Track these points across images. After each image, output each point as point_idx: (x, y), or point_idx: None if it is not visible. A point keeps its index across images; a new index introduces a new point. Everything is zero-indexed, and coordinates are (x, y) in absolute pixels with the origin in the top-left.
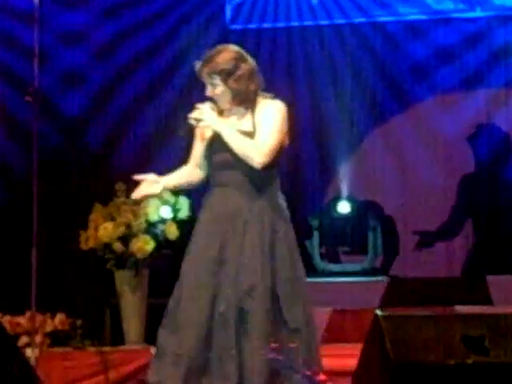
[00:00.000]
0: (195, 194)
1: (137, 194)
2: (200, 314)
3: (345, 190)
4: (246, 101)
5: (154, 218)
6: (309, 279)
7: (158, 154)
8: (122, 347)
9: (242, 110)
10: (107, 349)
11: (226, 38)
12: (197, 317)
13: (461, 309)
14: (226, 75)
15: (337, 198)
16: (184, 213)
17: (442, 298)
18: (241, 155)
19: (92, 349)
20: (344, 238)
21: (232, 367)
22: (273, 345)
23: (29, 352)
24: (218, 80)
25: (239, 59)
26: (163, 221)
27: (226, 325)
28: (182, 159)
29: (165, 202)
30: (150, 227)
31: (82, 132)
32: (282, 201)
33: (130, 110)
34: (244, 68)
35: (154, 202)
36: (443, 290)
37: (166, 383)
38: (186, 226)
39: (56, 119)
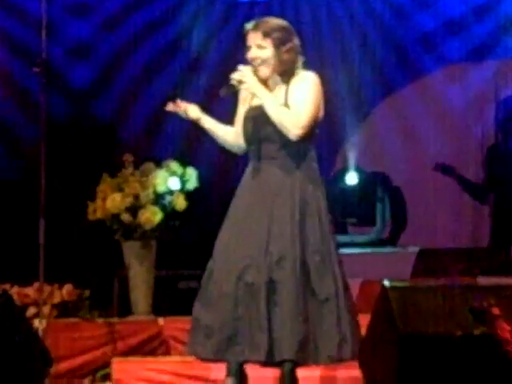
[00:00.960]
0: (203, 165)
1: (193, 114)
2: (231, 285)
3: (352, 161)
4: (287, 73)
5: (161, 189)
6: None
7: (166, 125)
8: (129, 318)
9: (278, 80)
10: (115, 320)
11: (233, 10)
12: (228, 289)
13: (482, 280)
14: (279, 42)
15: (345, 169)
16: (192, 184)
17: (466, 269)
18: (278, 125)
19: (99, 320)
20: (352, 209)
21: (262, 337)
22: (302, 315)
23: (36, 323)
24: (268, 44)
25: (292, 32)
26: (171, 192)
27: (256, 295)
28: (190, 131)
29: (173, 173)
30: (158, 198)
31: (89, 103)
32: (316, 173)
33: (137, 81)
34: (295, 41)
35: (162, 173)
36: (468, 260)
37: (199, 354)
38: (194, 197)
39: (64, 90)
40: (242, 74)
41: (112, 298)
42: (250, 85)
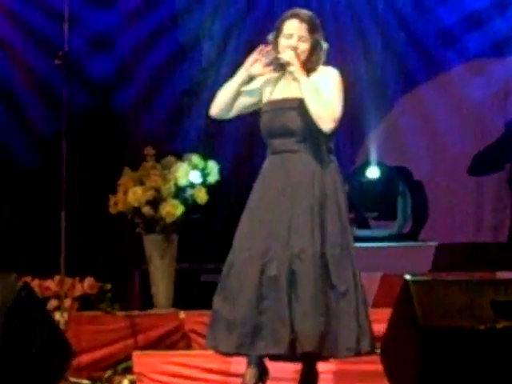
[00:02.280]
0: (224, 158)
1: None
2: (251, 278)
3: (374, 155)
4: (312, 69)
5: (183, 182)
6: None
7: (187, 118)
8: (150, 311)
9: None
10: (136, 313)
11: (255, 2)
12: (248, 282)
13: (501, 275)
14: (317, 42)
15: (366, 164)
16: (213, 177)
17: (486, 263)
18: (314, 115)
19: (121, 313)
20: (373, 204)
21: (284, 330)
22: (323, 308)
23: (58, 316)
24: (309, 39)
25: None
26: (192, 185)
27: (277, 288)
28: (211, 124)
29: (194, 167)
30: (179, 191)
31: (111, 95)
32: (335, 167)
33: (158, 74)
34: (325, 45)
35: (183, 167)
36: (488, 255)
37: (221, 348)
38: (215, 191)
39: (85, 83)
40: (292, 56)
41: (133, 291)
42: (296, 68)
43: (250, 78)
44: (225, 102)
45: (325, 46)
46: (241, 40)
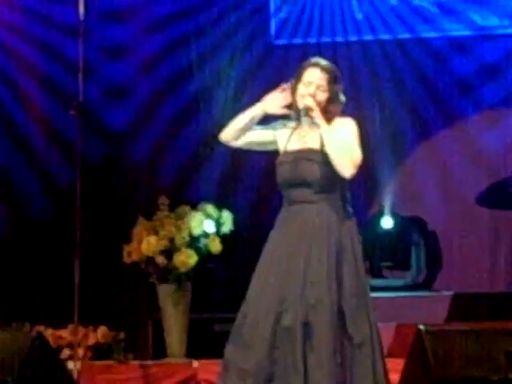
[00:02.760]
0: (239, 208)
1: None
2: (266, 328)
3: (388, 205)
4: (328, 120)
5: (197, 231)
6: None
7: (201, 168)
8: (164, 361)
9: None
10: (149, 362)
11: (270, 53)
12: (262, 332)
13: None
14: (336, 95)
15: (380, 213)
16: (227, 227)
17: (501, 313)
18: (336, 160)
19: (134, 362)
20: (387, 253)
21: (298, 380)
22: (338, 359)
23: (71, 365)
24: (328, 90)
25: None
26: (206, 235)
27: (292, 339)
28: (226, 174)
29: (208, 216)
30: (193, 241)
31: (125, 145)
32: (351, 217)
33: (174, 124)
34: (343, 98)
35: (197, 216)
36: (503, 305)
37: None
38: (229, 241)
39: (100, 133)
40: (313, 103)
41: (147, 340)
42: (317, 114)
43: (265, 116)
44: (234, 129)
45: (343, 98)
46: (255, 89)
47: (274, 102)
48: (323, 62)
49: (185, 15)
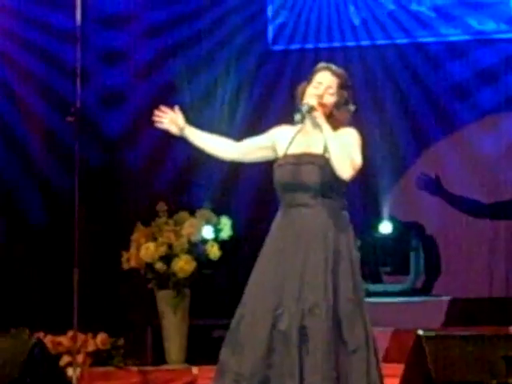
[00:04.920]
0: (237, 214)
1: (157, 123)
2: (261, 332)
3: (387, 210)
4: (334, 127)
5: (195, 238)
6: None
7: (200, 174)
8: (163, 367)
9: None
10: (148, 368)
11: (267, 58)
12: (258, 336)
13: None
14: (344, 101)
15: (379, 219)
16: (226, 233)
17: (499, 318)
18: (336, 160)
19: (133, 368)
20: (386, 259)
21: None
22: (334, 363)
23: (70, 371)
24: (337, 95)
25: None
26: (205, 241)
27: (288, 343)
28: (222, 180)
29: (207, 222)
30: (192, 247)
31: (123, 151)
32: (347, 222)
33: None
34: (351, 107)
35: (195, 222)
36: (501, 310)
37: None
38: (228, 247)
39: (97, 139)
40: (316, 102)
41: (146, 346)
42: (319, 114)
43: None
44: (215, 156)
45: (352, 107)
46: (253, 95)
47: None
48: (335, 66)
49: (181, 21)
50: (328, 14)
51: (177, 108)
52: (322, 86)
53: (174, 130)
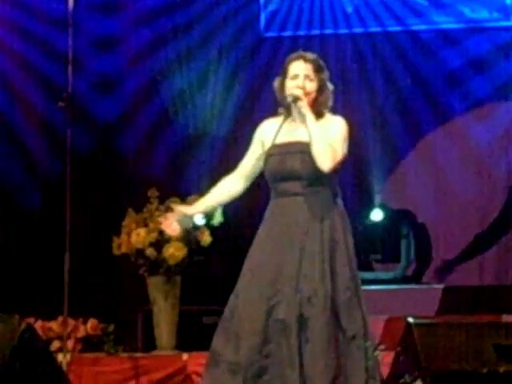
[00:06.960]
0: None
1: (171, 231)
2: (257, 321)
3: (378, 197)
4: (319, 113)
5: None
6: None
7: (191, 160)
8: (153, 353)
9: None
10: (139, 354)
11: (259, 45)
12: (254, 324)
13: (507, 317)
14: (323, 83)
15: (370, 206)
16: (217, 219)
17: (491, 306)
18: (317, 152)
19: (124, 354)
20: (376, 246)
21: (294, 374)
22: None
23: (61, 357)
24: (316, 79)
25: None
26: (196, 227)
27: (287, 332)
28: (213, 167)
29: None
30: (183, 233)
31: (114, 137)
32: (342, 210)
33: (162, 116)
34: (331, 87)
35: None
36: (493, 298)
37: None
38: (219, 233)
39: (89, 125)
40: (301, 93)
41: (136, 332)
42: (304, 104)
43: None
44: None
45: (331, 87)
46: (245, 82)
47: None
48: (306, 53)
49: (174, 8)
50: (320, 1)
51: (170, 212)
52: (300, 76)
53: (185, 222)
